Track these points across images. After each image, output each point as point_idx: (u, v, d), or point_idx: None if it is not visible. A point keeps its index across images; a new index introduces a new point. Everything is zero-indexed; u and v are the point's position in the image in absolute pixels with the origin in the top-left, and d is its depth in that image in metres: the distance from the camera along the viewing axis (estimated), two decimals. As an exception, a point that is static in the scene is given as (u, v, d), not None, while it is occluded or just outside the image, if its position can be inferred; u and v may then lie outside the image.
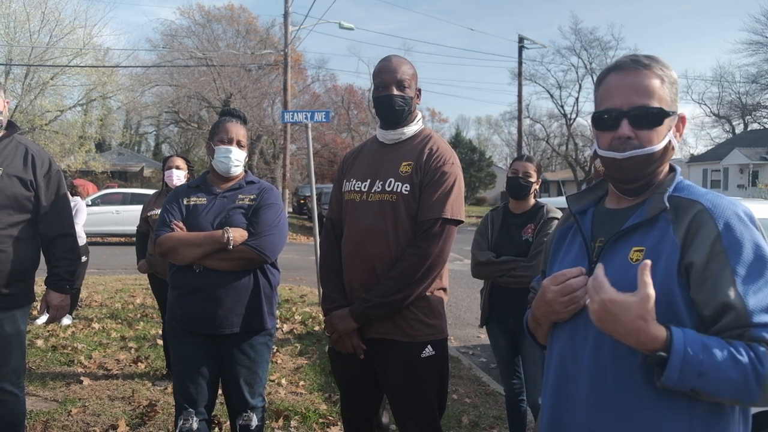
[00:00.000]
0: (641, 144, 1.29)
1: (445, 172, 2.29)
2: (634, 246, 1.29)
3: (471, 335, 6.93)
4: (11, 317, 2.68)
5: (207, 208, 2.68)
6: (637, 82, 1.31)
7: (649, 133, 1.29)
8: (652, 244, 1.26)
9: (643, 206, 1.33)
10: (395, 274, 2.24)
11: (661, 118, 1.30)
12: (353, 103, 43.59)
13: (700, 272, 1.20)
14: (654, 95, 1.30)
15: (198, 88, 30.14)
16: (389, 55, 2.40)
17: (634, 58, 1.33)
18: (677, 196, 1.30)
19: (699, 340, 1.15)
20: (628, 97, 1.30)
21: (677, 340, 1.14)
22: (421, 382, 2.29)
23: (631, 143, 1.29)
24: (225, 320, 2.59)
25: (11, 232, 2.65)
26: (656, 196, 1.31)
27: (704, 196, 1.27)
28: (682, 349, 1.13)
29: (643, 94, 1.30)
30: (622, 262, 1.29)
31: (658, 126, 1.30)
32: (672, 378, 1.13)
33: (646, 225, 1.29)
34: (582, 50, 36.34)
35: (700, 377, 1.13)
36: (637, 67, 1.31)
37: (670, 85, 1.33)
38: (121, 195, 17.68)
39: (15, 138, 2.77)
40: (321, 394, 4.49)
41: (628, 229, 1.31)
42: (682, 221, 1.25)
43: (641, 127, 1.29)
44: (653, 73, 1.31)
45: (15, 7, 25.02)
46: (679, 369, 1.12)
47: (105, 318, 6.97)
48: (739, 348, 1.14)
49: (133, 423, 3.82)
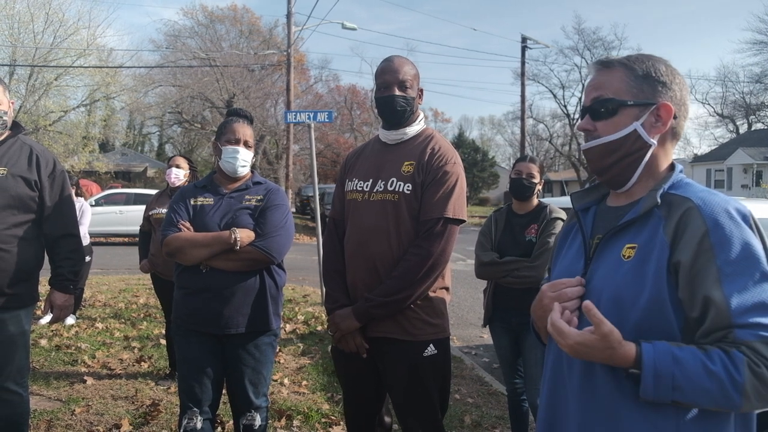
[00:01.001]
0: (599, 135, 1.35)
1: (447, 171, 2.30)
2: (627, 243, 1.28)
3: (474, 335, 6.94)
4: (15, 317, 2.69)
5: (214, 209, 2.68)
6: (596, 79, 1.38)
7: (605, 123, 1.34)
8: (644, 241, 1.26)
9: (638, 203, 1.33)
10: (397, 274, 2.25)
11: (615, 108, 1.32)
12: (356, 104, 43.61)
13: (687, 270, 1.18)
14: (609, 88, 1.34)
15: (201, 88, 30.19)
16: (391, 56, 2.41)
17: (598, 59, 1.41)
18: (672, 193, 1.29)
19: (670, 353, 1.14)
20: (589, 94, 1.38)
21: (647, 356, 1.14)
22: (423, 381, 2.30)
23: (592, 135, 1.36)
24: (231, 320, 2.60)
25: (16, 232, 2.66)
26: (650, 193, 1.30)
27: (696, 193, 1.26)
28: (652, 366, 1.14)
29: (599, 88, 1.36)
30: (614, 259, 1.29)
31: (613, 117, 1.33)
32: (648, 392, 1.15)
33: (640, 222, 1.29)
34: (585, 50, 36.29)
35: (675, 390, 1.13)
36: (597, 66, 1.39)
37: (642, 78, 1.32)
38: (124, 195, 17.72)
39: (20, 138, 2.79)
40: (323, 394, 4.50)
41: (622, 225, 1.31)
42: (672, 219, 1.24)
43: (597, 118, 1.35)
44: (613, 69, 1.36)
45: (19, 8, 25.14)
46: (653, 384, 1.13)
47: (108, 318, 6.99)
48: (713, 356, 1.12)
49: (136, 422, 3.83)
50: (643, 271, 1.22)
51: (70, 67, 25.90)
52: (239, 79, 29.57)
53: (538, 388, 3.18)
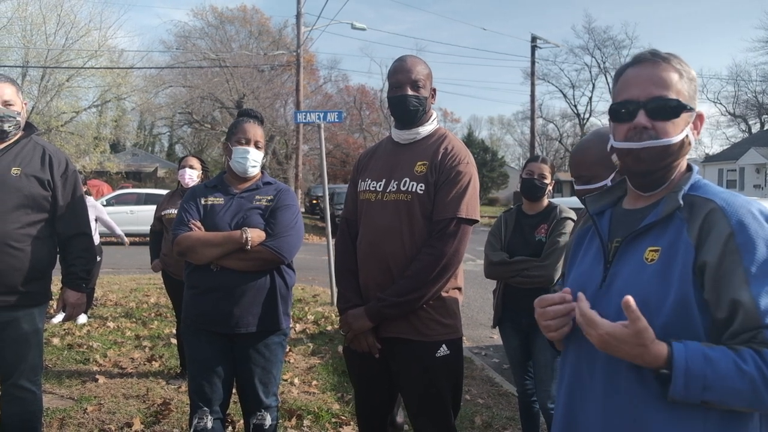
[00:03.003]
0: (657, 135, 1.28)
1: (460, 171, 2.29)
2: (649, 246, 1.27)
3: (484, 336, 6.92)
4: (29, 315, 2.71)
5: (224, 209, 2.69)
6: (655, 74, 1.30)
7: (666, 124, 1.28)
8: (667, 244, 1.24)
9: (658, 205, 1.31)
10: (410, 274, 2.24)
11: (678, 111, 1.29)
12: (365, 104, 43.69)
13: (713, 272, 1.18)
14: (672, 87, 1.29)
15: (211, 89, 30.35)
16: (404, 55, 2.40)
17: (653, 51, 1.33)
18: (692, 194, 1.28)
19: (701, 352, 1.13)
20: (645, 88, 1.29)
21: (678, 355, 1.13)
22: (435, 381, 2.29)
23: (648, 133, 1.28)
24: (241, 320, 2.60)
25: (29, 231, 2.68)
26: (671, 195, 1.29)
27: (718, 194, 1.25)
28: (683, 365, 1.12)
29: (660, 86, 1.29)
30: (637, 262, 1.27)
31: (675, 118, 1.29)
32: (678, 393, 1.13)
33: (661, 224, 1.28)
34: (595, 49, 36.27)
35: (706, 390, 1.12)
36: (656, 60, 1.31)
37: (689, 81, 1.32)
38: (135, 195, 17.82)
39: (33, 139, 2.81)
40: (334, 394, 4.50)
41: (643, 228, 1.29)
42: (695, 220, 1.23)
43: (658, 118, 1.28)
44: (672, 66, 1.31)
45: (31, 11, 25.39)
46: (683, 384, 1.12)
47: (120, 317, 7.03)
48: (745, 356, 1.12)
49: (147, 421, 3.85)
50: (668, 273, 1.21)
51: (81, 68, 26.11)
52: (249, 80, 29.71)
53: (549, 389, 3.17)
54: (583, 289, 1.37)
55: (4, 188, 2.63)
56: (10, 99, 2.68)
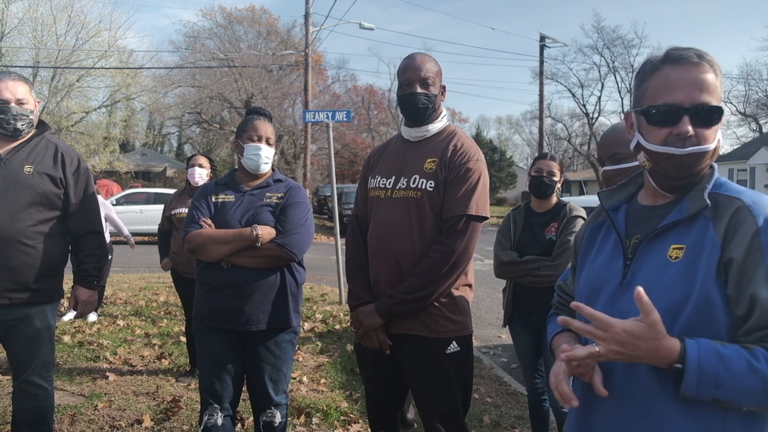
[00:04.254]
0: (698, 141, 1.25)
1: (470, 168, 2.29)
2: (672, 244, 1.26)
3: (492, 335, 6.90)
4: (41, 312, 2.73)
5: (235, 206, 2.69)
6: (700, 78, 1.25)
7: (707, 131, 1.26)
8: (692, 242, 1.24)
9: (681, 203, 1.30)
10: (420, 271, 2.24)
11: (719, 117, 1.27)
12: (373, 104, 43.71)
13: (738, 268, 1.17)
14: (714, 92, 1.26)
15: (220, 89, 30.45)
16: (413, 53, 2.40)
17: (698, 52, 1.28)
18: (716, 192, 1.27)
19: (714, 350, 1.13)
20: (690, 93, 1.24)
21: (691, 352, 1.12)
22: (446, 377, 2.29)
23: (691, 140, 1.25)
24: (251, 317, 2.61)
25: (41, 229, 2.70)
26: (696, 193, 1.28)
27: (744, 192, 1.25)
28: (696, 362, 1.11)
29: (705, 91, 1.25)
30: (660, 260, 1.26)
31: (717, 124, 1.27)
32: (690, 390, 1.12)
33: (686, 222, 1.27)
34: (604, 49, 35.91)
35: (718, 388, 1.11)
36: (701, 62, 1.26)
37: (721, 83, 1.29)
38: (144, 195, 17.93)
39: (45, 137, 2.83)
40: (342, 392, 4.50)
41: (667, 226, 1.28)
42: (722, 218, 1.22)
43: (701, 125, 1.25)
44: (712, 68, 1.27)
45: (42, 11, 25.59)
46: (696, 382, 1.11)
47: (129, 315, 7.07)
48: (758, 355, 1.12)
49: (157, 418, 3.87)
50: (693, 271, 1.20)
51: (91, 69, 26.27)
52: (257, 80, 29.78)
53: None
54: (601, 286, 1.36)
55: (17, 186, 2.65)
56: (23, 97, 2.70)
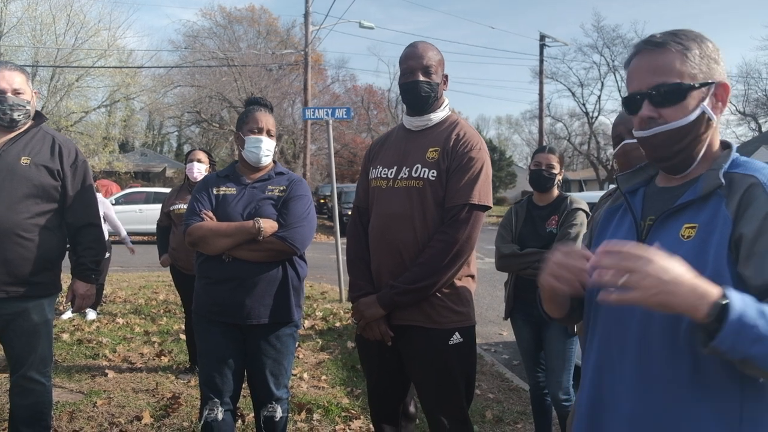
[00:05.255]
0: (666, 121, 1.27)
1: (473, 157, 2.26)
2: (685, 223, 1.24)
3: (493, 332, 6.88)
4: (38, 305, 2.70)
5: (237, 198, 2.66)
6: (652, 61, 1.28)
7: (673, 109, 1.26)
8: (704, 221, 1.21)
9: (696, 183, 1.28)
10: (422, 261, 2.21)
11: (683, 93, 1.26)
12: (373, 103, 43.68)
13: (749, 246, 1.15)
14: (672, 71, 1.26)
15: (219, 88, 30.42)
16: (415, 41, 2.38)
17: (648, 38, 1.31)
18: (732, 172, 1.25)
19: (755, 305, 1.06)
20: (644, 79, 1.28)
21: (734, 300, 1.04)
22: (449, 369, 2.26)
23: (656, 122, 1.28)
24: (253, 311, 2.58)
25: (38, 221, 2.67)
26: (711, 173, 1.26)
27: (760, 170, 1.23)
28: (739, 309, 1.03)
29: (659, 73, 1.27)
30: (672, 239, 1.24)
31: (682, 101, 1.26)
32: (726, 341, 1.03)
33: (699, 202, 1.25)
34: (604, 48, 35.89)
35: (755, 342, 1.03)
36: (649, 47, 1.30)
37: (699, 57, 1.27)
38: (144, 194, 17.92)
39: (42, 128, 2.80)
40: (343, 389, 4.47)
41: (681, 206, 1.26)
42: (734, 195, 1.20)
43: (663, 105, 1.27)
44: (668, 49, 1.27)
45: (41, 11, 25.50)
46: (735, 331, 1.03)
47: (129, 313, 7.04)
48: None
49: (157, 414, 3.84)
50: (704, 249, 1.18)
51: (91, 68, 26.21)
52: (257, 79, 29.75)
53: (560, 380, 3.14)
54: None
55: (14, 178, 2.61)
56: (20, 87, 2.66)
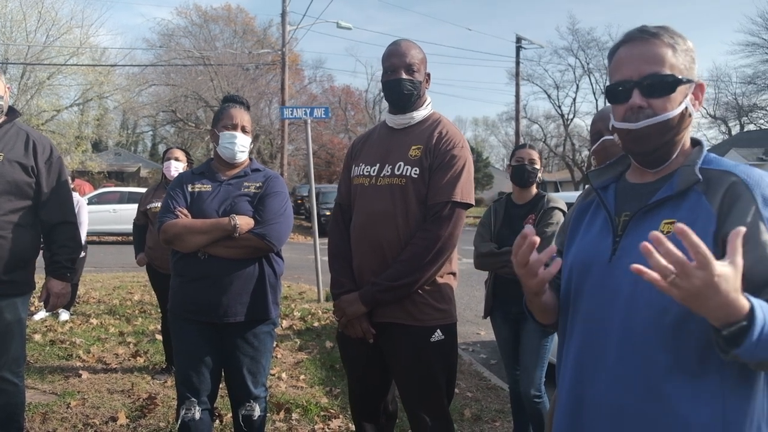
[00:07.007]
0: (655, 112, 1.27)
1: (455, 155, 2.27)
2: (664, 219, 1.25)
3: (471, 332, 6.92)
4: (11, 304, 2.64)
5: (212, 195, 2.63)
6: (646, 50, 1.29)
7: (663, 101, 1.27)
8: (683, 217, 1.23)
9: (671, 179, 1.29)
10: (405, 258, 2.22)
11: (673, 86, 1.28)
12: (350, 104, 43.67)
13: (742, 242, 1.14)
14: (665, 63, 1.28)
15: (195, 87, 30.11)
16: (398, 39, 2.38)
17: (642, 28, 1.32)
18: (706, 168, 1.27)
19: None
20: (638, 67, 1.28)
21: (757, 306, 1.06)
22: (430, 366, 2.27)
23: (645, 112, 1.28)
24: (229, 309, 2.55)
25: (12, 219, 2.62)
26: (686, 169, 1.27)
27: (736, 167, 1.25)
28: (762, 320, 1.05)
29: (653, 63, 1.28)
30: None
31: (671, 93, 1.28)
32: (749, 348, 1.05)
33: (676, 198, 1.26)
34: (579, 51, 36.45)
35: None
36: (645, 36, 1.30)
37: (684, 53, 1.30)
38: (118, 194, 17.59)
39: (16, 124, 2.74)
40: (322, 388, 4.46)
41: (658, 202, 1.28)
42: (716, 192, 1.22)
43: (653, 95, 1.28)
44: (662, 41, 1.29)
45: (11, 7, 24.98)
46: (758, 337, 1.04)
47: (103, 314, 6.92)
48: None
49: (132, 415, 3.78)
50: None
51: (62, 65, 25.73)
52: (233, 79, 29.49)
53: (533, 376, 3.17)
54: (589, 262, 1.35)
55: (-14, 174, 2.56)
56: (-8, 82, 2.61)
